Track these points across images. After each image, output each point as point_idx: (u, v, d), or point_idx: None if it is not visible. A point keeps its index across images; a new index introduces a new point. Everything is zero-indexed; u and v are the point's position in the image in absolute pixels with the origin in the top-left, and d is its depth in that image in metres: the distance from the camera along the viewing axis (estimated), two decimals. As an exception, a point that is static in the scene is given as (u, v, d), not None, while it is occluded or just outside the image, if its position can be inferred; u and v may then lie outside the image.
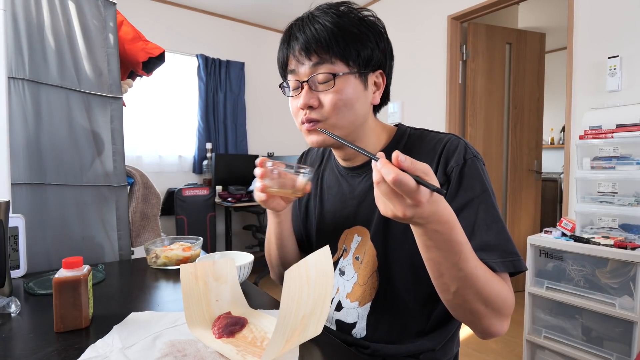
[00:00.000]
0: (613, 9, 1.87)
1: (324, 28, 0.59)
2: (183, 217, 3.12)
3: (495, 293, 0.52)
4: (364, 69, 0.62)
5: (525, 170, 2.86)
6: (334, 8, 0.61)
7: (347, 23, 0.60)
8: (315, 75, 0.60)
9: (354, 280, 0.70)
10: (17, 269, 0.86)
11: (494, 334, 0.56)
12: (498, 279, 0.54)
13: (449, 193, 0.60)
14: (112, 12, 1.08)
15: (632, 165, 1.55)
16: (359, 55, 0.60)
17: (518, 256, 0.57)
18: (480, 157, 0.63)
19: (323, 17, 0.60)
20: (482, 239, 0.57)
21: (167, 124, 3.34)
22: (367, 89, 0.64)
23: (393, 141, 0.70)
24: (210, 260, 0.65)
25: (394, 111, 3.09)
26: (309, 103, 0.61)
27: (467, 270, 0.49)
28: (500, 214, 0.60)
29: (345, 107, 0.61)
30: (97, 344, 0.53)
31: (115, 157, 1.08)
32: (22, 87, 0.93)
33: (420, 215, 0.43)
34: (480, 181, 0.60)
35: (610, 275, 1.47)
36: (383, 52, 0.64)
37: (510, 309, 0.55)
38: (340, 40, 0.59)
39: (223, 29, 3.64)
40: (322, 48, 0.59)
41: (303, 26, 0.61)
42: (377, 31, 0.63)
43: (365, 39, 0.61)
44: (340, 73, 0.60)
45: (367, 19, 0.63)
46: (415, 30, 2.93)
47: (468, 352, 1.98)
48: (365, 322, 0.68)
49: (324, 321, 0.51)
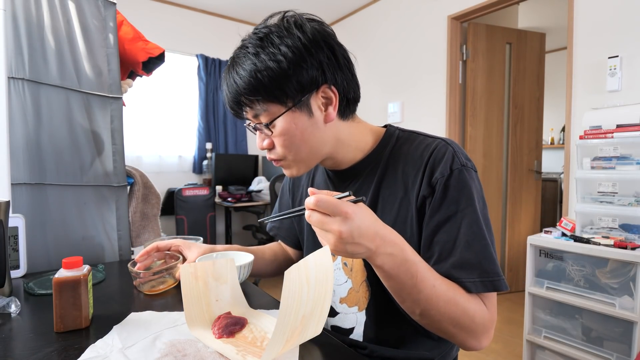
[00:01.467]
0: (613, 9, 1.87)
1: (242, 81, 0.57)
2: (183, 217, 3.12)
3: (460, 312, 0.52)
4: (299, 97, 0.57)
5: (525, 170, 2.86)
6: (253, 42, 0.57)
7: (265, 61, 0.55)
8: (256, 124, 0.61)
9: (349, 286, 0.70)
10: (17, 269, 0.86)
11: (471, 349, 0.55)
12: (467, 297, 0.53)
13: (432, 205, 0.58)
14: (112, 12, 1.08)
15: (632, 165, 1.55)
16: (286, 91, 0.56)
17: (499, 276, 0.55)
18: (471, 164, 0.60)
19: (242, 65, 0.57)
20: (462, 256, 0.55)
21: (167, 124, 3.34)
22: (312, 115, 0.59)
23: (380, 144, 0.67)
24: (210, 259, 0.65)
25: (394, 111, 3.09)
26: (264, 147, 0.63)
27: (427, 291, 0.50)
28: (486, 230, 0.57)
29: (295, 144, 0.60)
30: (97, 344, 0.53)
31: (115, 157, 1.08)
32: (22, 87, 0.93)
33: (358, 232, 0.45)
34: (467, 194, 0.57)
35: (610, 275, 1.47)
36: (318, 67, 0.57)
37: (482, 327, 0.54)
38: (261, 89, 0.56)
39: (223, 29, 3.64)
40: (249, 101, 0.58)
41: (228, 80, 0.60)
42: (303, 49, 0.56)
43: (288, 71, 0.55)
44: (276, 116, 0.58)
45: (288, 42, 0.56)
46: (415, 30, 2.93)
47: (468, 352, 1.98)
48: (362, 328, 0.68)
49: (324, 321, 0.51)
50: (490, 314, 0.55)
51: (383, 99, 3.22)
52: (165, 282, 0.77)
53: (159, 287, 0.76)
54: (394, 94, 3.13)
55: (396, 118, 3.06)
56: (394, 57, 3.12)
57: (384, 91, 3.22)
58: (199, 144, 3.49)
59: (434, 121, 2.78)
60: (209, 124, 3.53)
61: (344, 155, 0.67)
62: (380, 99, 3.24)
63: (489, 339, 0.56)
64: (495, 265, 0.56)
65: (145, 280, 0.74)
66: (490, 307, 0.56)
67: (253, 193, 3.28)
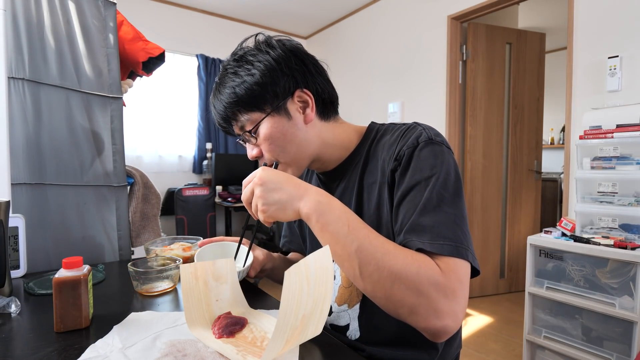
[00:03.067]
0: (613, 9, 1.87)
1: (225, 98, 0.65)
2: (183, 217, 3.12)
3: (400, 263, 0.48)
4: (276, 103, 0.64)
5: (525, 170, 2.86)
6: (231, 63, 0.66)
7: (242, 76, 0.63)
8: (243, 134, 0.67)
9: (339, 284, 0.71)
10: (17, 269, 0.86)
11: (432, 327, 0.48)
12: (409, 253, 0.50)
13: (399, 176, 0.59)
14: (112, 12, 1.08)
15: (632, 165, 1.55)
16: (264, 99, 0.63)
17: (454, 242, 0.50)
18: (441, 139, 0.60)
19: (224, 84, 0.65)
20: (416, 220, 0.53)
21: (167, 124, 3.34)
22: (291, 117, 0.65)
23: (363, 140, 0.71)
24: (215, 244, 0.74)
25: (394, 111, 3.09)
26: (254, 156, 0.69)
27: (360, 240, 0.51)
28: (452, 198, 0.54)
29: (279, 147, 0.65)
30: (97, 344, 0.53)
31: (115, 157, 1.08)
32: (22, 87, 0.93)
33: (268, 175, 0.56)
34: (432, 164, 0.56)
35: (610, 275, 1.47)
36: (289, 74, 0.64)
37: (433, 288, 0.47)
38: (240, 101, 0.63)
39: (223, 29, 3.64)
40: (233, 114, 0.65)
41: (214, 100, 0.68)
42: (273, 61, 0.63)
43: (262, 81, 0.62)
44: (258, 122, 0.64)
45: (260, 57, 0.64)
46: (415, 30, 2.93)
47: (468, 352, 1.98)
48: (357, 323, 0.68)
49: (324, 321, 0.51)
50: (446, 279, 0.48)
51: (383, 99, 3.22)
52: (162, 284, 0.77)
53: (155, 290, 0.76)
54: (394, 94, 3.13)
55: (396, 118, 3.06)
56: (394, 57, 3.12)
57: (384, 91, 3.22)
58: (198, 144, 3.49)
59: (434, 121, 2.78)
60: (209, 123, 3.53)
61: (330, 155, 0.71)
62: (380, 99, 3.24)
63: (454, 318, 0.48)
64: (453, 232, 0.51)
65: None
66: (447, 272, 0.48)
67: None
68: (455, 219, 0.53)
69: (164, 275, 0.77)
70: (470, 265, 0.52)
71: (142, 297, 0.74)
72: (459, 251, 0.50)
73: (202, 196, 3.20)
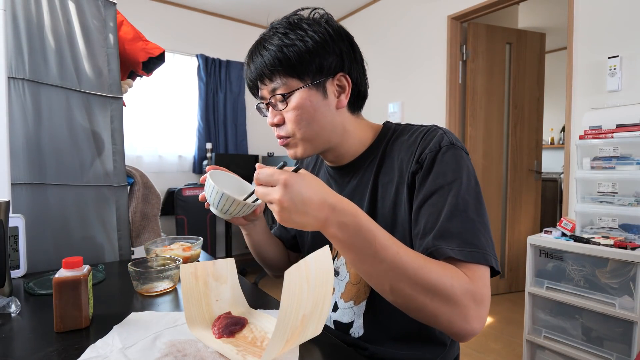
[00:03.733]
0: (613, 9, 1.87)
1: (269, 54, 0.62)
2: (183, 217, 3.12)
3: (434, 278, 0.48)
4: (318, 78, 0.63)
5: (525, 170, 2.86)
6: (283, 25, 0.63)
7: (293, 40, 0.61)
8: (272, 97, 0.64)
9: (347, 280, 0.71)
10: (17, 269, 0.86)
11: (461, 333, 0.50)
12: (441, 265, 0.50)
13: (420, 179, 0.59)
14: (112, 12, 1.08)
15: (632, 165, 1.55)
16: (308, 68, 0.62)
17: (479, 249, 0.52)
18: (461, 145, 0.61)
19: (271, 41, 0.62)
20: (443, 225, 0.54)
21: (167, 124, 3.34)
22: (327, 97, 0.64)
23: (378, 138, 0.71)
24: (225, 173, 0.73)
25: (394, 111, 3.09)
26: (273, 122, 0.66)
27: (390, 259, 0.48)
28: (474, 204, 0.55)
29: (306, 120, 0.63)
30: (97, 344, 0.53)
31: (115, 157, 1.08)
32: (22, 87, 0.93)
33: (300, 198, 0.47)
34: (454, 168, 0.58)
35: (610, 275, 1.47)
36: (338, 55, 0.64)
37: (467, 298, 0.49)
38: (285, 62, 0.61)
39: (223, 29, 3.64)
40: (272, 73, 0.62)
41: (254, 54, 0.64)
42: (328, 36, 0.63)
43: (312, 51, 0.61)
44: (293, 90, 0.62)
45: (316, 28, 0.62)
46: (415, 30, 2.93)
47: (468, 352, 1.98)
48: (361, 320, 0.68)
49: (324, 321, 0.51)
50: (475, 286, 0.50)
51: (383, 99, 3.22)
52: (162, 284, 0.77)
53: (155, 290, 0.76)
54: (394, 94, 3.13)
55: (396, 118, 3.06)
56: (394, 57, 3.12)
57: (384, 91, 3.22)
58: (198, 144, 3.49)
59: (434, 121, 2.75)
60: (209, 124, 3.53)
61: (348, 147, 0.70)
62: (380, 99, 3.24)
63: (480, 321, 0.50)
64: (478, 239, 0.53)
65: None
66: (475, 279, 0.50)
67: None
68: (479, 225, 0.55)
69: (164, 275, 0.77)
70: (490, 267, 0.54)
71: (142, 297, 0.74)
72: (485, 258, 0.52)
73: (202, 196, 3.19)
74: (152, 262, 0.81)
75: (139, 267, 0.76)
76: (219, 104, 3.57)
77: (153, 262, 0.81)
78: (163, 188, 3.27)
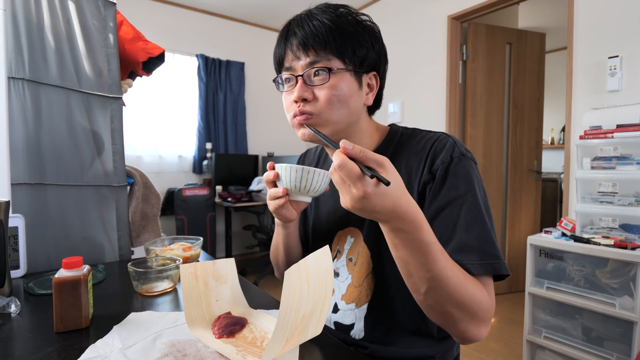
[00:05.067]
0: (613, 9, 1.87)
1: (322, 25, 0.60)
2: (183, 217, 3.12)
3: (469, 296, 0.51)
4: (359, 67, 0.63)
5: (525, 170, 2.86)
6: (333, 8, 0.63)
7: (344, 22, 0.61)
8: (310, 70, 0.61)
9: (349, 282, 0.70)
10: (17, 269, 0.86)
11: (471, 339, 0.54)
12: (474, 282, 0.53)
13: (433, 191, 0.59)
14: (112, 12, 1.08)
15: (632, 165, 1.55)
16: (354, 54, 0.61)
17: (499, 259, 0.56)
18: (470, 155, 0.62)
19: (321, 15, 0.61)
20: (462, 239, 0.55)
21: (167, 124, 3.34)
22: (361, 88, 0.64)
23: (385, 141, 0.70)
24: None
25: (394, 111, 3.09)
26: (303, 96, 0.61)
27: (436, 272, 0.49)
28: (486, 215, 0.58)
29: (339, 102, 0.61)
30: (97, 344, 0.53)
31: (115, 157, 1.08)
32: (22, 87, 0.93)
33: (371, 208, 0.44)
34: (466, 180, 0.59)
35: (610, 275, 1.47)
36: (378, 54, 0.65)
37: (487, 313, 0.53)
38: (337, 37, 0.60)
39: (223, 29, 3.64)
40: (319, 44, 0.60)
41: (302, 23, 0.62)
42: (373, 33, 0.64)
43: (361, 39, 0.62)
44: (336, 69, 0.60)
45: (364, 22, 0.64)
46: (415, 30, 2.93)
47: (468, 352, 1.98)
48: (362, 323, 0.68)
49: (324, 321, 0.51)
50: (492, 301, 0.55)
51: (383, 99, 3.21)
52: (162, 284, 0.77)
53: (155, 290, 0.76)
54: (394, 94, 3.13)
55: (396, 118, 3.06)
56: (394, 57, 3.12)
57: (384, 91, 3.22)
58: (198, 144, 3.49)
59: (434, 121, 2.78)
60: (209, 124, 3.53)
61: (358, 143, 0.68)
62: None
63: (488, 329, 0.55)
64: (496, 249, 0.56)
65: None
66: (490, 293, 0.55)
67: (253, 193, 3.28)
68: (491, 233, 0.57)
69: (164, 275, 0.77)
70: None
71: (142, 297, 0.74)
72: (500, 267, 0.56)
73: (202, 196, 3.20)
74: (152, 262, 0.81)
75: (138, 267, 0.76)
76: (219, 104, 3.57)
77: (153, 262, 0.81)
78: (163, 188, 3.27)
